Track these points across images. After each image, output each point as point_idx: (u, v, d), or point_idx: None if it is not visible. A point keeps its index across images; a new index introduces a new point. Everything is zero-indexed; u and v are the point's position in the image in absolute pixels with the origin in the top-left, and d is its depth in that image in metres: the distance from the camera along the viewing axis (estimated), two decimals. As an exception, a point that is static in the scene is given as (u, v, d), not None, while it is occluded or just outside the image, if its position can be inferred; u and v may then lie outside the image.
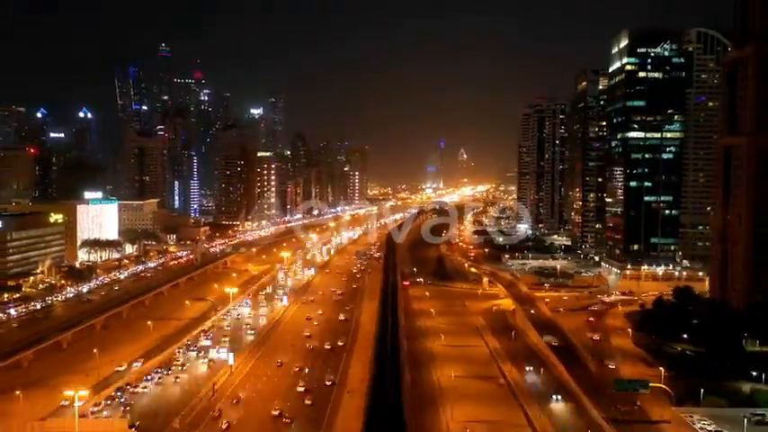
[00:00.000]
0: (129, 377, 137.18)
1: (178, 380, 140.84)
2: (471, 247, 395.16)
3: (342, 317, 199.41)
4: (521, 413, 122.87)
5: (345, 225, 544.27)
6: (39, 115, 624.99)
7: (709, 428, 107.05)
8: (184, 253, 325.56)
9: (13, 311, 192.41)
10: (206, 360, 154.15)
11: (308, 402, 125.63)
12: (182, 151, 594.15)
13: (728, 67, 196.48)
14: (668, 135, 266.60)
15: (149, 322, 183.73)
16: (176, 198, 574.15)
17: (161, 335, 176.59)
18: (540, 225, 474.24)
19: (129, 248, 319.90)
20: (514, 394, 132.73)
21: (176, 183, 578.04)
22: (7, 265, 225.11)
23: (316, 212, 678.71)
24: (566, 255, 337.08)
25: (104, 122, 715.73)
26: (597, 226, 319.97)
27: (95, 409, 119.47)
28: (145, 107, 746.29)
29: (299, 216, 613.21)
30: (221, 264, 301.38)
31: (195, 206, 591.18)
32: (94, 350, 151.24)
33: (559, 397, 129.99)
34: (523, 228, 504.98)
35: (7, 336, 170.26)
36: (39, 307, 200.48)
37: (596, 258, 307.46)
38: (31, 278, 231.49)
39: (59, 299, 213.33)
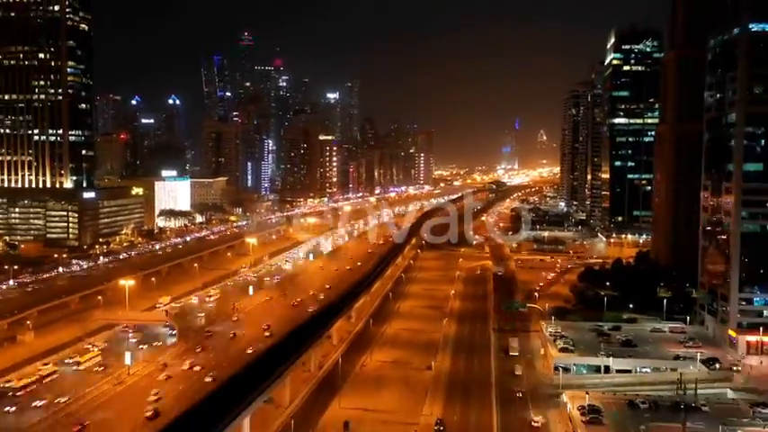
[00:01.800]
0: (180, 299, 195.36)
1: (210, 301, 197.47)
2: (501, 222, 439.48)
3: (348, 266, 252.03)
4: (441, 326, 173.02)
5: (397, 203, 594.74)
6: (133, 102, 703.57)
7: (554, 331, 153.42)
8: (244, 222, 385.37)
9: (102, 259, 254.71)
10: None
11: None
12: (254, 135, 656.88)
13: (662, 66, 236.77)
14: (649, 121, 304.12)
15: (196, 265, 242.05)
16: (249, 177, 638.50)
17: (209, 278, 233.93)
18: (575, 202, 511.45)
19: (200, 218, 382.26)
20: (445, 316, 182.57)
21: (249, 163, 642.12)
22: (99, 227, 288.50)
23: (378, 191, 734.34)
24: (576, 227, 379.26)
25: (191, 108, 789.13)
26: (599, 200, 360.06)
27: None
28: (228, 93, 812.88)
29: (360, 194, 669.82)
30: (274, 231, 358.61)
31: (266, 184, 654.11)
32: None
33: (477, 319, 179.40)
34: (562, 204, 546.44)
35: (101, 274, 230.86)
36: (121, 257, 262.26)
37: (596, 229, 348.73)
38: (117, 238, 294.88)
39: (135, 253, 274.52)
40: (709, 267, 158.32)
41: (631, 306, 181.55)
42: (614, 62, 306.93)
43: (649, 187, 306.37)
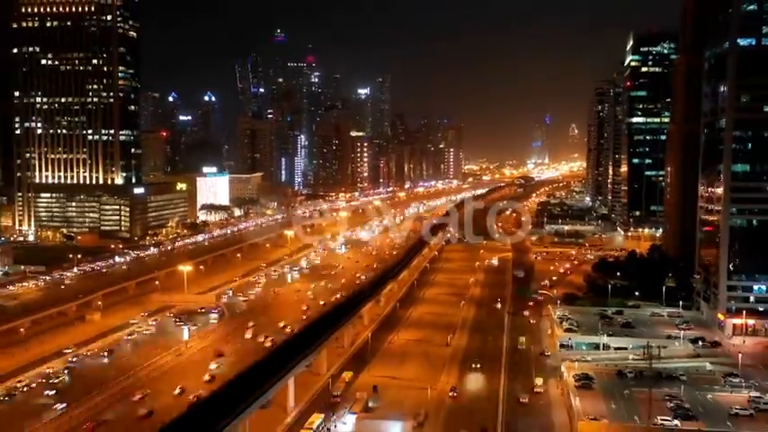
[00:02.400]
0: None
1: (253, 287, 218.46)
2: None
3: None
4: (459, 310, 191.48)
5: (426, 198, 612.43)
6: (170, 99, 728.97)
7: (562, 315, 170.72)
8: (280, 216, 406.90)
9: (153, 250, 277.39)
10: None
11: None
12: (288, 131, 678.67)
13: (674, 71, 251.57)
14: (665, 120, 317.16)
15: (239, 255, 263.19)
16: (282, 172, 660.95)
17: (251, 267, 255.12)
18: (600, 197, 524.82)
19: (238, 212, 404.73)
20: (464, 302, 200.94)
21: (282, 159, 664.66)
22: (147, 220, 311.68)
23: (408, 186, 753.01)
24: (598, 221, 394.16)
25: (226, 105, 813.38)
26: (619, 196, 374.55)
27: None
28: (262, 90, 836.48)
29: (390, 189, 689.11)
30: (308, 225, 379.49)
31: (299, 179, 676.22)
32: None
33: (494, 304, 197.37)
34: (587, 199, 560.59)
35: (153, 262, 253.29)
36: (169, 248, 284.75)
37: (616, 223, 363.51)
38: (163, 230, 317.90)
39: (181, 244, 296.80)
40: (703, 257, 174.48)
41: (637, 294, 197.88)
42: (633, 63, 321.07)
43: (665, 184, 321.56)
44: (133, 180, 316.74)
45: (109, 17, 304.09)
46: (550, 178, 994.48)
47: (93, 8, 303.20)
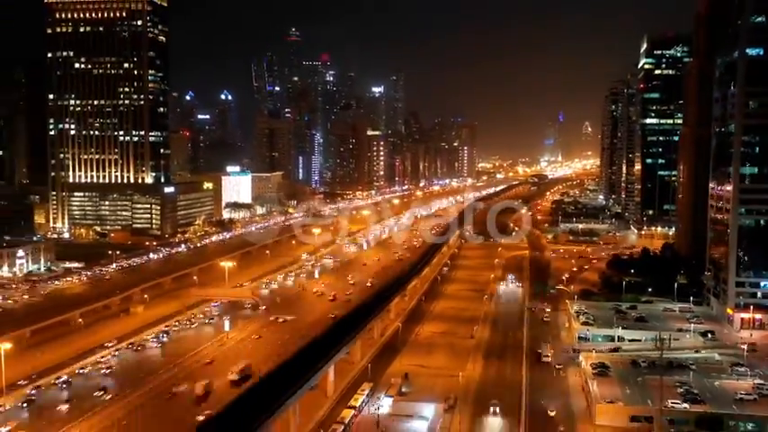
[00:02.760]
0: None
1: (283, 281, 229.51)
2: (541, 215, 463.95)
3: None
4: (481, 304, 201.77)
5: (442, 196, 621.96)
6: (188, 98, 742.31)
7: (578, 309, 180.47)
8: (300, 214, 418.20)
9: (182, 247, 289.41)
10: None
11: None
12: (305, 130, 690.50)
13: (687, 75, 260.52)
14: (678, 121, 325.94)
15: (267, 252, 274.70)
16: (300, 170, 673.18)
17: (277, 264, 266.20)
18: (613, 195, 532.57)
19: (260, 210, 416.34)
20: (484, 297, 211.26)
21: (300, 158, 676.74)
22: (177, 218, 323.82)
23: (423, 184, 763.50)
24: (611, 219, 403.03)
25: (241, 103, 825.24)
26: (632, 195, 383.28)
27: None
28: (277, 88, 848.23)
29: (405, 187, 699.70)
30: (330, 223, 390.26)
31: (316, 177, 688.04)
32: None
33: (511, 299, 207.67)
34: (601, 198, 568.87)
35: (185, 258, 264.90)
36: (199, 245, 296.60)
37: (629, 222, 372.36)
38: (191, 228, 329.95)
39: (209, 241, 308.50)
40: (713, 255, 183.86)
41: (650, 290, 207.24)
42: (646, 66, 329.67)
43: (677, 184, 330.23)
44: (162, 179, 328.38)
45: (139, 22, 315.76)
46: (564, 176, 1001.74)
47: (124, 14, 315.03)
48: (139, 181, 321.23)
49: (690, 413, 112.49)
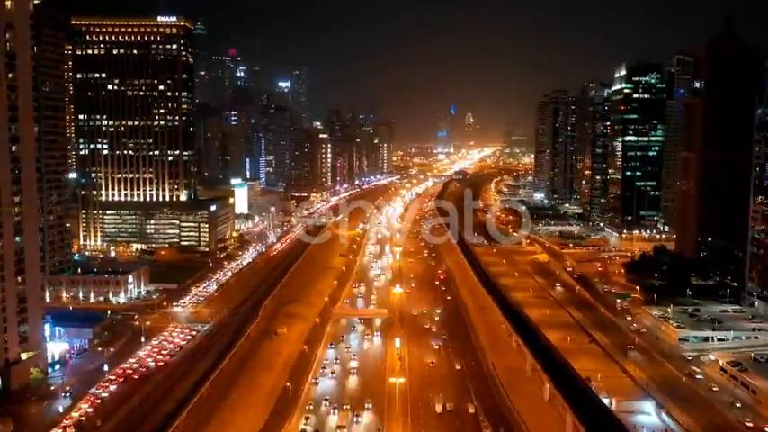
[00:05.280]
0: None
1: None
2: (501, 214, 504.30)
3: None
4: (563, 311, 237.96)
5: (384, 192, 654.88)
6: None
7: (660, 314, 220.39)
8: (294, 220, 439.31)
9: (243, 262, 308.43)
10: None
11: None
12: (252, 133, 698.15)
13: (687, 108, 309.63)
14: (653, 138, 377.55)
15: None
16: (247, 173, 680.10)
17: (334, 274, 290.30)
18: (555, 195, 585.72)
19: (256, 219, 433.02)
20: (556, 302, 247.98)
21: (247, 160, 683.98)
22: (216, 233, 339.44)
23: (357, 183, 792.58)
24: (578, 221, 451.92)
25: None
26: (602, 200, 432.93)
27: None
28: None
29: (346, 186, 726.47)
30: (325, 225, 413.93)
31: (262, 180, 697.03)
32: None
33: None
34: (539, 197, 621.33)
35: (258, 274, 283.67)
36: (251, 260, 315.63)
37: (601, 225, 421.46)
38: (225, 243, 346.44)
39: (253, 255, 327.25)
40: (757, 266, 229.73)
41: (689, 293, 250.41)
42: (625, 90, 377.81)
43: (654, 192, 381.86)
44: (192, 196, 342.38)
45: (174, 46, 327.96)
46: (474, 171, 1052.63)
47: (159, 38, 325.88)
48: (174, 199, 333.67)
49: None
